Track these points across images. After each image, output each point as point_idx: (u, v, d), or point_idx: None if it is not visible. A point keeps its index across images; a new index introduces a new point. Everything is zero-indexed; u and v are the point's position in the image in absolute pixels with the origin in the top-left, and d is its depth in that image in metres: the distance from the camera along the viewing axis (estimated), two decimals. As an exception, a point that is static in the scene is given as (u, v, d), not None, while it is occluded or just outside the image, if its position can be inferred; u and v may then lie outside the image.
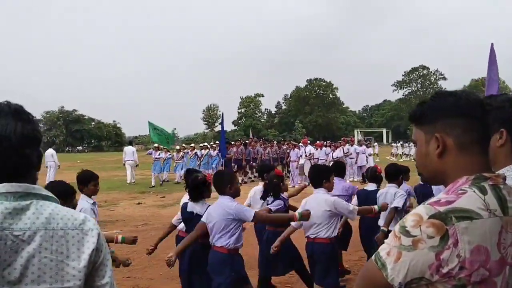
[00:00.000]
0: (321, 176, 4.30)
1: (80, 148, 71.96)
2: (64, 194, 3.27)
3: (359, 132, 73.12)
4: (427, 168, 1.25)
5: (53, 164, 17.11)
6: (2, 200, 1.14)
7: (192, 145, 20.16)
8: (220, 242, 3.58)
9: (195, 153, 18.29)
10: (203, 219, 3.76)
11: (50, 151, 17.60)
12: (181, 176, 17.75)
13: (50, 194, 1.23)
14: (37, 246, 1.13)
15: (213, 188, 4.01)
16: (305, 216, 3.89)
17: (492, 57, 6.10)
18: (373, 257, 1.16)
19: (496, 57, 6.12)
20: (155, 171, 17.12)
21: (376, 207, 4.57)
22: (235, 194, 3.79)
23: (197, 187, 4.03)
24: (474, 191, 1.10)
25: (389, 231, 4.04)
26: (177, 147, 19.06)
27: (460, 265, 1.04)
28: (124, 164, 17.69)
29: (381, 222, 4.86)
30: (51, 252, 1.15)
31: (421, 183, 5.37)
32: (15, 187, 1.16)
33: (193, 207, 4.01)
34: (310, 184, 4.60)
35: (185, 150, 18.90)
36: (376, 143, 36.78)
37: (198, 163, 18.03)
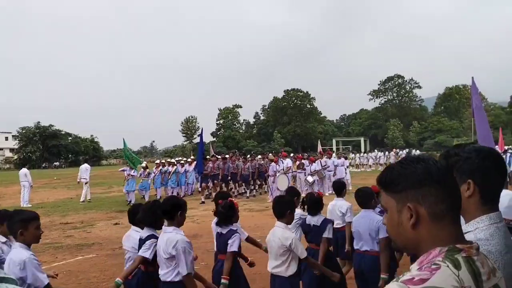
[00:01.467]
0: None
1: (57, 163, 70.50)
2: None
3: (338, 142, 73.94)
4: (400, 237, 1.22)
5: (26, 184, 16.81)
6: None
7: (157, 161, 19.78)
8: None
9: (160, 170, 17.89)
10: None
11: (24, 171, 17.35)
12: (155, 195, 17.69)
13: (7, 275, 1.19)
14: None
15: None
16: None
17: (474, 89, 7.17)
18: None
19: (477, 87, 7.24)
20: (128, 188, 16.79)
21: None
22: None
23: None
24: (448, 266, 1.07)
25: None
26: (143, 165, 18.78)
27: None
28: (79, 182, 18.36)
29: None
30: None
31: None
32: None
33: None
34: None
35: (152, 169, 18.48)
36: (357, 154, 36.93)
37: (164, 182, 17.80)
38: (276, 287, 3.97)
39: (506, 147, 20.32)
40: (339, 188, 5.98)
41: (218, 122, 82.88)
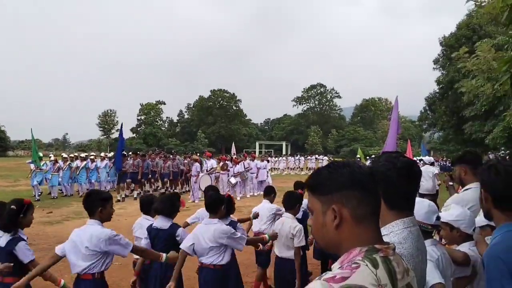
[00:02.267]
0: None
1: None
2: None
3: (261, 145, 75.18)
4: (323, 237, 1.27)
5: None
6: None
7: (65, 155, 18.67)
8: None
9: (69, 164, 16.90)
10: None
11: None
12: (60, 190, 16.69)
13: None
14: None
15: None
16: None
17: (396, 105, 8.27)
18: None
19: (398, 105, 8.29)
20: (36, 181, 15.65)
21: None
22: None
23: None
24: (367, 265, 1.13)
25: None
26: (52, 158, 17.58)
27: None
28: None
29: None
30: None
31: None
32: None
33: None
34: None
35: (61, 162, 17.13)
36: (281, 158, 37.64)
37: (72, 176, 16.92)
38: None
39: (415, 158, 21.90)
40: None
41: (139, 118, 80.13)
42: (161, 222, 4.28)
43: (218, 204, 4.07)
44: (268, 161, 20.47)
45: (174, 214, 4.37)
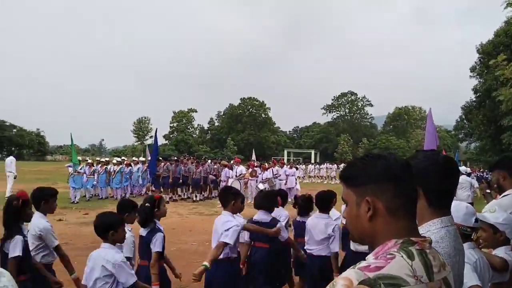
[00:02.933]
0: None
1: (-1, 155, 66.87)
2: None
3: (289, 153, 74.90)
4: (357, 229, 1.27)
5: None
6: None
7: (103, 160, 19.21)
8: None
9: (105, 168, 17.47)
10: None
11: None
12: (99, 194, 17.17)
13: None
14: None
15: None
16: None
17: (430, 117, 8.31)
18: None
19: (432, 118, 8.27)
20: (74, 185, 16.24)
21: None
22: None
23: None
24: (402, 256, 1.12)
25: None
26: (89, 161, 18.16)
27: None
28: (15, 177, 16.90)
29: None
30: None
31: None
32: None
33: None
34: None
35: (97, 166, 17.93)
36: (311, 165, 37.14)
37: (108, 180, 17.41)
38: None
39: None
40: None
41: (171, 125, 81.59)
42: (261, 216, 4.76)
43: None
44: (296, 168, 20.44)
45: (273, 208, 4.90)
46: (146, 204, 4.21)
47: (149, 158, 19.77)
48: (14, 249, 3.68)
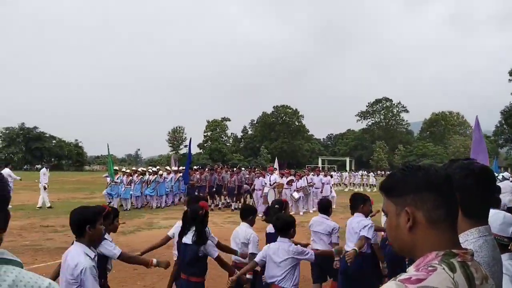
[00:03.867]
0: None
1: (39, 166, 69.56)
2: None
3: (324, 160, 74.24)
4: (397, 240, 1.27)
5: (11, 185, 16.37)
6: None
7: (140, 169, 19.62)
8: None
9: (141, 178, 17.72)
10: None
11: (6, 171, 16.91)
12: (134, 204, 17.46)
13: (14, 258, 1.19)
14: None
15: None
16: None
17: (477, 126, 8.24)
18: None
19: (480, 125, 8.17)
20: (113, 194, 16.57)
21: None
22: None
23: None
24: (444, 269, 1.11)
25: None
26: (127, 171, 18.50)
27: None
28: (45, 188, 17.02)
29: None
30: None
31: None
32: None
33: None
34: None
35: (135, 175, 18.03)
36: (346, 173, 36.80)
37: (142, 190, 17.62)
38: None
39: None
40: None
41: (205, 134, 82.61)
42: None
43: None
44: (331, 176, 20.19)
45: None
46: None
47: (174, 167, 20.07)
48: (215, 251, 4.26)
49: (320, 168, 23.44)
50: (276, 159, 32.36)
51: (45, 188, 16.95)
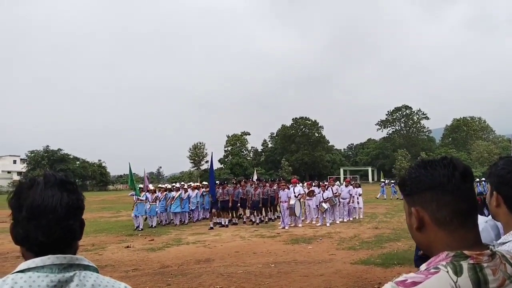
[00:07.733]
0: None
1: (64, 188, 71.00)
2: None
3: (345, 171, 73.70)
4: (415, 238, 1.22)
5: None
6: (48, 273, 1.13)
7: (166, 185, 19.81)
8: None
9: (165, 195, 17.84)
10: None
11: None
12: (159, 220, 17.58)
13: (91, 263, 1.23)
14: None
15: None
16: None
17: None
18: None
19: None
20: (137, 213, 16.60)
21: None
22: None
23: None
24: (447, 272, 1.05)
25: None
26: (152, 188, 18.71)
27: None
28: None
29: None
30: None
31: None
32: (60, 259, 1.16)
33: None
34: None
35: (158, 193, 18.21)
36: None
37: (167, 206, 17.71)
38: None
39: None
40: None
41: (226, 148, 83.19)
42: None
43: None
44: (359, 186, 20.05)
45: None
46: None
47: (149, 185, 20.08)
48: None
49: (349, 179, 23.21)
50: (255, 170, 32.04)
51: None
